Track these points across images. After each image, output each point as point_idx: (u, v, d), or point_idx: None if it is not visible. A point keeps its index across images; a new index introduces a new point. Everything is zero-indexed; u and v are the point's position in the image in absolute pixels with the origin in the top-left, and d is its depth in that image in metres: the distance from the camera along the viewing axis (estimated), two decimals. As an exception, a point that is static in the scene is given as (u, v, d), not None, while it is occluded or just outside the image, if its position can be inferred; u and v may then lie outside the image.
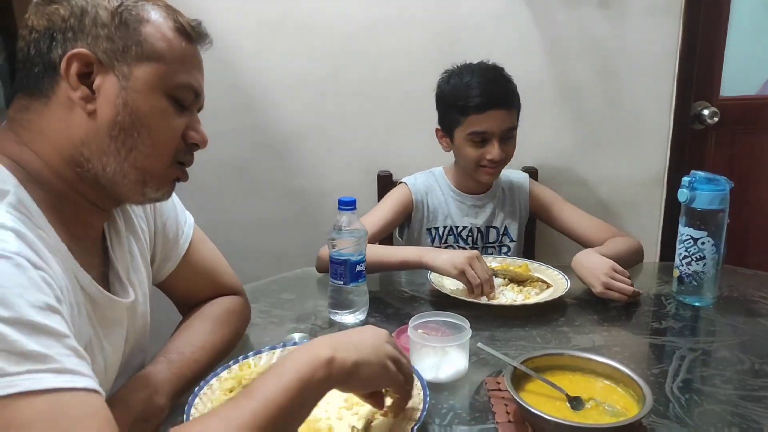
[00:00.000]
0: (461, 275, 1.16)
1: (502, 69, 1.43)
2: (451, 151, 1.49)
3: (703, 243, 1.15)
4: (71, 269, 0.68)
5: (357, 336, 0.72)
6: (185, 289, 0.99)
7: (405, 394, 0.74)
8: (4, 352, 0.52)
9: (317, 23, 1.72)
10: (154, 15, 0.72)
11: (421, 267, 1.24)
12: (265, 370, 0.69)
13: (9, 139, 0.70)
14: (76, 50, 0.67)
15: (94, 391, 0.57)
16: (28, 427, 0.51)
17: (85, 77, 0.68)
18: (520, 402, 0.74)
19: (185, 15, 0.76)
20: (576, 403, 0.78)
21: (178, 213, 0.97)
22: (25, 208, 0.63)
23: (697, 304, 1.18)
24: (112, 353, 0.77)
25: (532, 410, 0.72)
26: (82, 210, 0.74)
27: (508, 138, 1.42)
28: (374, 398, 0.73)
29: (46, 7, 0.69)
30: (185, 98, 0.74)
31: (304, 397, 0.63)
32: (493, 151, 1.38)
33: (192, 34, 0.75)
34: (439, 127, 1.49)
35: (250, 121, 1.79)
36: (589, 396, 0.79)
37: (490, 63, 1.44)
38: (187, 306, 0.99)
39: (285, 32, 1.72)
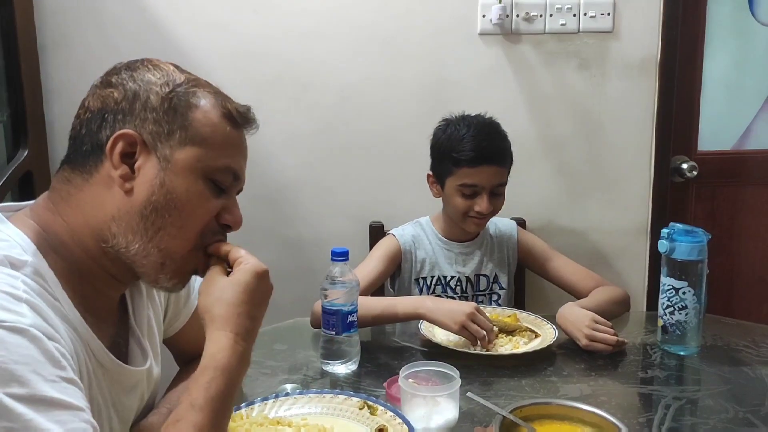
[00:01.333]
0: (462, 330, 1.18)
1: (498, 125, 1.48)
2: (440, 198, 1.54)
3: (684, 293, 1.19)
4: (85, 338, 0.69)
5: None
6: (189, 343, 0.98)
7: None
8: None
9: (312, 81, 1.79)
10: (204, 101, 0.73)
11: (419, 318, 1.26)
12: None
13: (45, 206, 0.72)
14: (123, 131, 0.69)
15: None
16: None
17: (128, 157, 0.70)
18: (509, 451, 0.76)
19: (232, 100, 0.78)
20: (563, 452, 0.79)
21: None
22: (41, 277, 0.64)
23: (681, 353, 1.20)
24: (119, 422, 0.77)
25: (520, 459, 0.74)
26: (101, 282, 0.74)
27: (497, 193, 1.46)
28: None
29: (104, 90, 0.72)
30: (224, 181, 0.74)
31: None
32: (482, 204, 1.42)
33: (239, 119, 0.77)
34: (431, 173, 1.53)
35: (246, 174, 1.84)
36: (576, 445, 0.81)
37: (487, 117, 1.49)
38: (188, 358, 1.00)
39: (281, 90, 1.80)
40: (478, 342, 1.18)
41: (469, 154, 1.40)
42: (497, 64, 1.80)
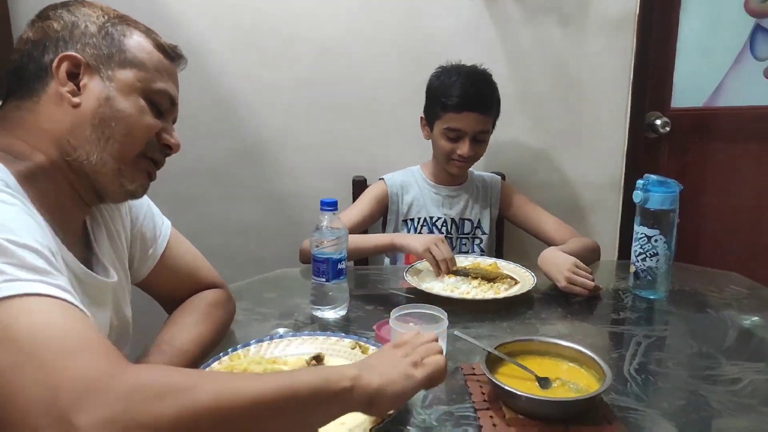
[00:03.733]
0: (426, 252, 1.32)
1: (489, 76, 1.56)
2: (428, 143, 1.62)
3: (656, 240, 1.25)
4: (57, 247, 0.73)
5: (376, 360, 0.75)
6: (167, 287, 1.04)
7: (439, 377, 0.76)
8: (15, 264, 0.58)
9: (292, 32, 1.78)
10: (136, 32, 0.83)
11: (393, 249, 1.42)
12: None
13: (1, 135, 0.76)
14: (67, 53, 0.77)
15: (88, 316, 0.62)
16: (44, 326, 0.55)
17: (73, 77, 0.78)
18: (495, 382, 0.81)
19: (161, 29, 0.87)
20: (544, 382, 0.85)
21: (155, 215, 1.02)
22: (10, 193, 0.68)
23: (651, 297, 1.28)
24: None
25: (506, 388, 0.80)
26: (67, 198, 0.80)
27: (479, 139, 1.54)
28: None
29: (42, 22, 0.80)
30: (162, 103, 0.84)
31: (320, 399, 0.63)
32: (464, 147, 1.51)
33: (170, 52, 0.86)
34: (423, 116, 1.61)
35: (227, 127, 1.83)
36: (555, 376, 0.87)
37: (480, 68, 1.56)
38: (172, 303, 1.04)
39: (260, 40, 1.78)
40: (440, 265, 1.32)
41: (455, 100, 1.48)
42: (479, 18, 1.80)
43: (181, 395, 0.54)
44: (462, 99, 1.48)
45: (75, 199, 0.82)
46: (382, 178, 1.66)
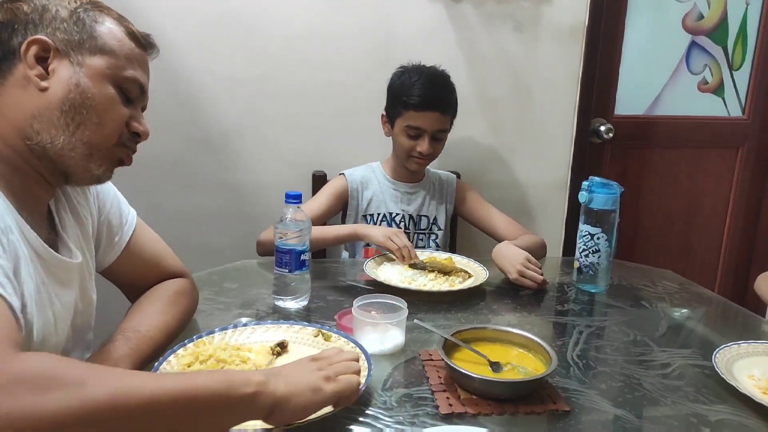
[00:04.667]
0: (388, 240, 1.41)
1: (447, 77, 1.62)
2: (388, 141, 1.67)
3: (598, 238, 1.35)
4: (20, 224, 0.74)
5: (288, 369, 0.74)
6: (132, 275, 1.04)
7: (349, 396, 0.76)
8: None
9: (256, 26, 1.79)
10: (109, 19, 0.83)
11: (356, 238, 1.48)
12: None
13: None
14: (36, 36, 0.77)
15: (7, 302, 0.63)
16: None
17: (42, 61, 0.78)
18: (451, 365, 0.87)
19: (125, 14, 0.87)
20: (496, 366, 0.92)
21: (121, 203, 1.03)
22: None
23: (593, 290, 1.37)
24: (62, 310, 0.83)
25: (461, 370, 0.86)
26: (31, 181, 0.80)
27: (438, 138, 1.60)
28: None
29: (11, 4, 0.79)
30: (131, 91, 0.84)
31: (223, 404, 0.61)
32: (424, 145, 1.57)
33: (141, 40, 0.86)
34: (384, 114, 1.66)
35: (186, 117, 1.83)
36: (506, 361, 0.93)
37: (440, 69, 1.62)
38: (136, 291, 1.05)
39: (226, 32, 1.78)
40: (397, 253, 1.40)
41: (416, 99, 1.54)
42: (439, 22, 1.87)
43: (69, 390, 0.51)
44: (423, 98, 1.54)
45: (39, 182, 0.82)
46: (343, 173, 1.70)
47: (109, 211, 0.99)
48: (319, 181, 1.83)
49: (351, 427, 0.79)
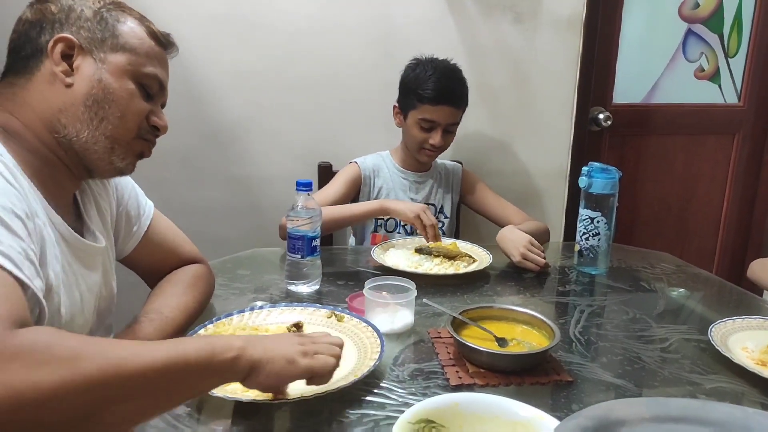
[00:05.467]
0: (416, 218, 1.43)
1: (460, 71, 1.66)
2: (395, 132, 1.71)
3: (598, 222, 1.40)
4: (44, 210, 0.79)
5: (269, 338, 0.78)
6: (151, 262, 1.09)
7: (322, 372, 0.77)
8: None
9: (262, 20, 1.83)
10: (130, 18, 0.88)
11: (383, 213, 1.52)
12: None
13: None
14: (62, 35, 0.82)
15: (22, 283, 0.65)
16: None
17: (67, 58, 0.82)
18: (460, 340, 0.92)
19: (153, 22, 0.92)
20: (502, 342, 0.97)
21: (139, 195, 1.08)
22: (2, 162, 0.73)
23: (593, 272, 1.42)
24: (87, 291, 0.88)
25: (470, 345, 0.90)
26: (58, 172, 0.85)
27: (450, 131, 1.65)
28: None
29: (41, 5, 0.84)
30: (151, 86, 0.88)
31: (206, 368, 0.65)
32: (436, 137, 1.61)
33: (161, 39, 0.90)
34: (396, 105, 1.69)
35: (194, 112, 1.87)
36: (512, 337, 0.98)
37: (452, 63, 1.65)
38: (155, 277, 1.09)
39: (230, 27, 1.82)
40: (428, 231, 1.43)
41: (432, 93, 1.57)
42: (440, 13, 1.90)
43: (64, 364, 0.53)
44: (438, 93, 1.57)
45: (65, 173, 0.86)
46: (355, 161, 1.73)
47: (127, 202, 1.04)
48: (325, 171, 1.87)
49: (367, 397, 0.84)
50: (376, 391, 0.86)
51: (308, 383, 0.77)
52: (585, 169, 1.40)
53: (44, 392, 0.52)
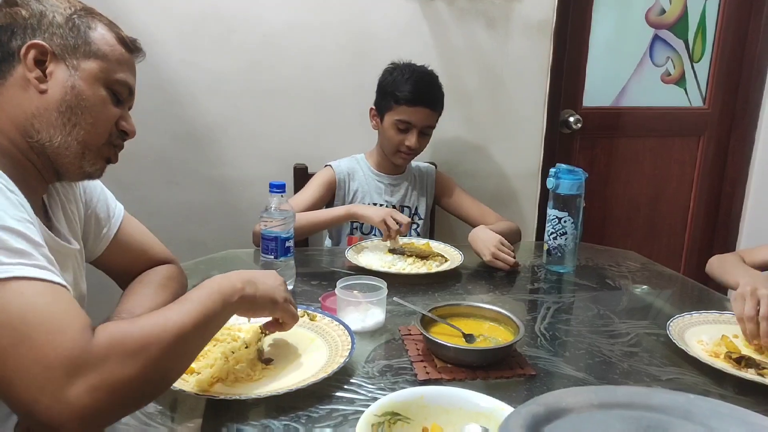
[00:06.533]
0: (382, 222, 1.47)
1: (436, 77, 1.70)
2: (376, 133, 1.74)
3: (565, 221, 1.44)
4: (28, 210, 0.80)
5: (263, 277, 0.91)
6: (122, 264, 1.10)
7: (289, 320, 0.94)
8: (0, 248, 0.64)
9: (238, 23, 1.84)
10: (101, 25, 0.89)
11: (352, 218, 1.56)
12: (193, 289, 0.82)
13: None
14: (35, 41, 0.82)
15: (66, 287, 0.69)
16: (31, 307, 0.62)
17: (40, 64, 0.83)
18: (429, 337, 0.95)
19: (110, 14, 0.93)
20: (469, 338, 1.00)
21: (108, 198, 1.09)
22: None
23: (561, 270, 1.46)
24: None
25: (438, 341, 0.93)
26: (29, 175, 0.86)
27: (425, 133, 1.68)
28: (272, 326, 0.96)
29: (10, 8, 0.84)
30: (121, 92, 0.90)
31: (222, 311, 0.78)
32: (412, 139, 1.65)
33: (130, 45, 0.92)
34: (373, 108, 1.72)
35: (169, 113, 1.87)
36: (479, 333, 1.02)
37: (429, 68, 1.69)
38: (126, 279, 1.10)
39: (206, 29, 1.83)
40: (392, 235, 1.47)
41: (408, 94, 1.61)
42: (414, 18, 1.94)
43: (139, 353, 0.65)
44: (415, 94, 1.61)
45: (36, 176, 0.88)
46: (329, 165, 1.75)
47: (96, 205, 1.06)
48: (300, 173, 1.89)
49: (337, 393, 0.86)
50: (346, 387, 0.88)
51: (275, 319, 0.93)
52: (552, 170, 1.44)
53: (136, 379, 0.64)
